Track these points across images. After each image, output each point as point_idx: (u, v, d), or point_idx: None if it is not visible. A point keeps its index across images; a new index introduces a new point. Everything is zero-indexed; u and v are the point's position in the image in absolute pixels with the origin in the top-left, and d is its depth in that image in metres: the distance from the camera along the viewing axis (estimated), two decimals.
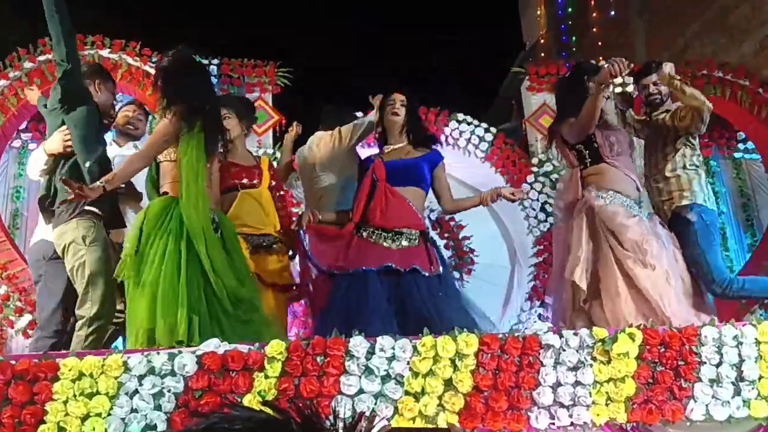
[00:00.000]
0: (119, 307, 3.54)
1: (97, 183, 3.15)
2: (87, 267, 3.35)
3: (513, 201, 3.88)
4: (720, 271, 3.81)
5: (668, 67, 4.09)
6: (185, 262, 3.09)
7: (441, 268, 3.62)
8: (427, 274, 3.50)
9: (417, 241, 3.58)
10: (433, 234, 6.29)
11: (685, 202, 3.93)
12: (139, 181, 3.71)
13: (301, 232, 3.83)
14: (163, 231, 3.15)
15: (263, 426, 1.10)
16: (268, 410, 1.13)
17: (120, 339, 3.88)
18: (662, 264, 3.56)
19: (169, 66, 3.42)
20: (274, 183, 3.98)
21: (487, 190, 3.86)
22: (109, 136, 4.20)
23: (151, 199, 3.38)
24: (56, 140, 3.56)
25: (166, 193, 3.31)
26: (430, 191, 3.81)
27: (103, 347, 3.40)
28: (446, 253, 6.32)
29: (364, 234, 3.56)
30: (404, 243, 3.54)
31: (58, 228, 3.43)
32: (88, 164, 3.42)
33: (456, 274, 6.09)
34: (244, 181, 3.80)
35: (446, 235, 6.35)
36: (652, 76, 4.12)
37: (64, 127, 3.56)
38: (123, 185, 3.63)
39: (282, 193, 4.06)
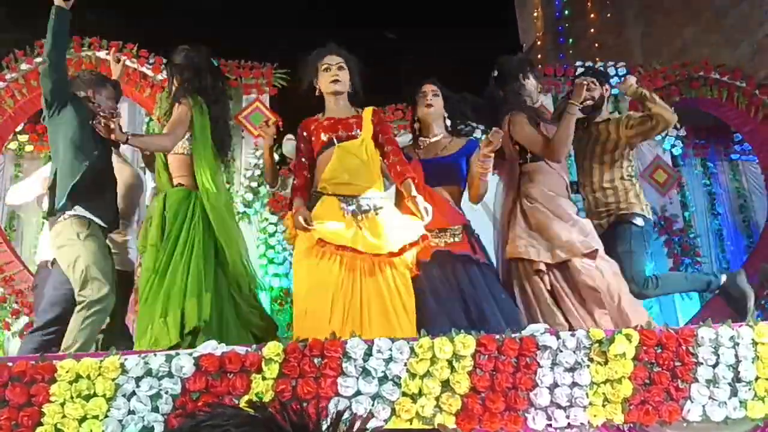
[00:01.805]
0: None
1: (126, 132, 3.36)
2: (82, 260, 3.33)
3: (492, 150, 3.59)
4: (639, 273, 3.80)
5: (632, 79, 4.08)
6: (209, 251, 3.39)
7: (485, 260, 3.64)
8: (480, 260, 3.52)
9: (461, 235, 3.57)
10: None
11: (625, 212, 3.89)
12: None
13: None
14: (187, 222, 3.42)
15: (249, 425, 1.11)
16: (254, 410, 1.14)
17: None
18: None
19: (181, 62, 3.66)
20: (382, 134, 3.52)
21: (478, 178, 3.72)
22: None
23: (162, 189, 3.59)
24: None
25: (181, 184, 3.52)
26: None
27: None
28: None
29: None
30: (448, 240, 3.53)
31: (54, 229, 3.43)
32: (81, 170, 3.40)
33: None
34: (340, 133, 3.43)
35: None
36: (585, 80, 4.02)
37: None
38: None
39: (392, 147, 3.51)
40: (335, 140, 3.39)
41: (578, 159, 4.18)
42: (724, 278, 3.89)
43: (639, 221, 3.87)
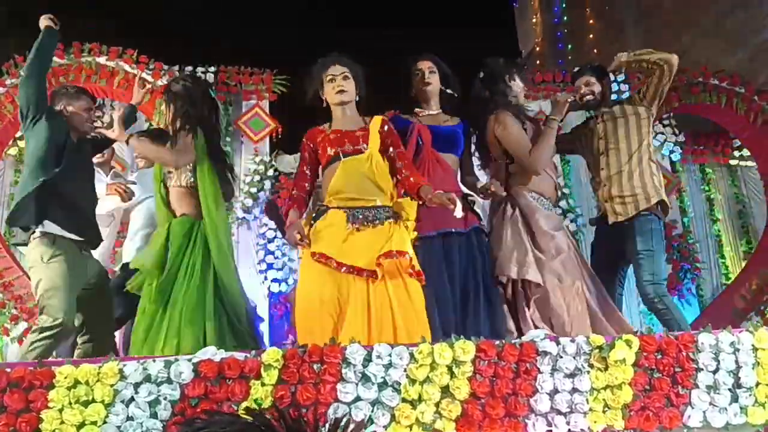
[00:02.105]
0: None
1: (128, 132, 3.56)
2: (42, 285, 3.34)
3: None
4: (660, 275, 3.82)
5: (622, 56, 4.06)
6: (210, 280, 3.42)
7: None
8: (471, 230, 3.53)
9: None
10: None
11: (649, 203, 3.89)
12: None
13: None
14: (190, 250, 3.45)
15: (245, 430, 1.11)
16: (251, 416, 1.14)
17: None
18: (575, 276, 3.57)
19: (180, 92, 3.66)
20: (393, 147, 3.41)
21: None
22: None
23: (164, 222, 3.61)
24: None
25: (184, 214, 3.56)
26: None
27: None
28: None
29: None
30: None
31: (26, 250, 3.47)
32: (40, 180, 3.40)
33: None
34: (347, 147, 3.33)
35: None
36: (582, 78, 4.08)
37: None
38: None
39: (403, 163, 3.40)
40: (341, 155, 3.30)
41: (592, 153, 4.15)
42: None
43: (661, 215, 3.87)
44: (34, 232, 3.39)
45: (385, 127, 3.40)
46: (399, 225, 3.24)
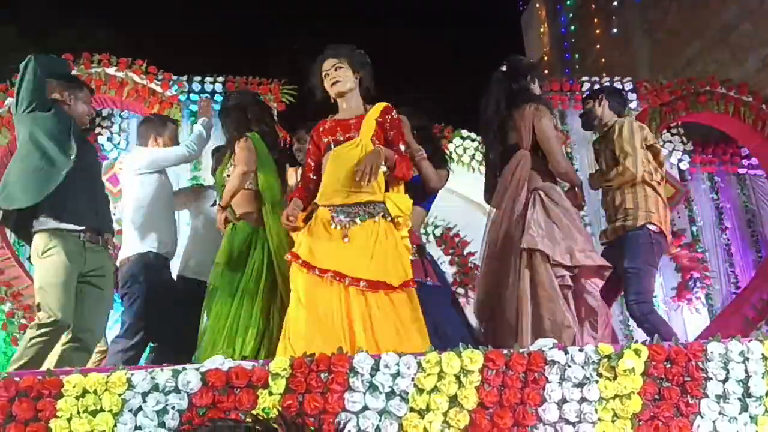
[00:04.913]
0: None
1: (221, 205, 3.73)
2: (37, 280, 3.36)
3: None
4: (648, 292, 3.84)
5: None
6: (264, 290, 3.56)
7: (438, 282, 3.60)
8: (430, 283, 3.49)
9: (413, 256, 3.45)
10: (437, 250, 6.32)
11: (641, 222, 3.87)
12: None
13: None
14: (249, 260, 3.60)
15: None
16: (254, 422, 1.15)
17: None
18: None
19: (233, 106, 3.92)
20: (393, 141, 3.24)
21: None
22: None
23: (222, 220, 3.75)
24: None
25: (244, 219, 3.71)
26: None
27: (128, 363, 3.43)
28: (452, 270, 6.34)
29: None
30: None
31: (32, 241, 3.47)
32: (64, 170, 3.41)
33: (461, 290, 6.09)
34: (338, 136, 3.24)
35: (451, 251, 6.37)
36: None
37: None
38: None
39: (397, 156, 3.23)
40: (332, 144, 3.25)
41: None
42: None
43: (653, 228, 3.84)
44: (32, 227, 3.38)
45: (388, 116, 3.27)
46: (389, 223, 3.15)
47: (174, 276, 4.21)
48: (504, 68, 3.87)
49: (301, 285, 3.08)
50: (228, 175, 3.76)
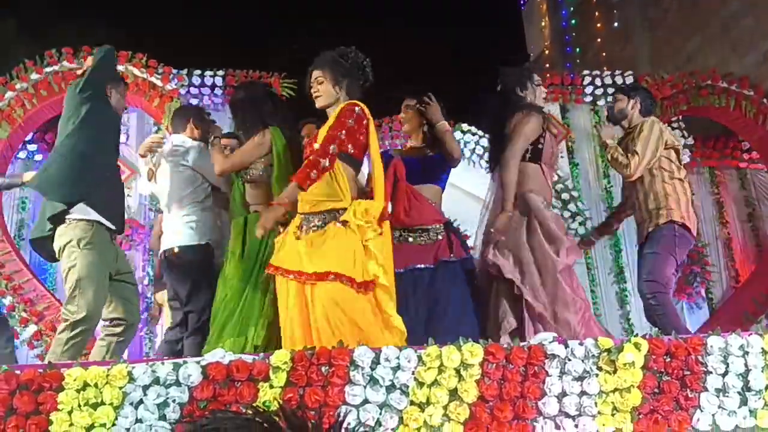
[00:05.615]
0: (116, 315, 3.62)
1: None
2: (76, 271, 3.33)
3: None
4: (659, 276, 3.84)
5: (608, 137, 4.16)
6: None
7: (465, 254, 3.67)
8: (454, 259, 3.56)
9: (441, 234, 3.62)
10: None
11: (663, 220, 3.91)
12: None
13: None
14: (261, 254, 3.53)
15: (247, 427, 1.12)
16: (254, 413, 1.15)
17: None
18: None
19: (242, 98, 3.86)
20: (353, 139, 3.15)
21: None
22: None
23: (235, 214, 3.78)
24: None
25: (257, 212, 3.64)
26: None
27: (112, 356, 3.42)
28: None
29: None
30: (431, 237, 3.59)
31: (59, 229, 3.42)
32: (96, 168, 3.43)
33: None
34: (315, 146, 3.21)
35: None
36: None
37: None
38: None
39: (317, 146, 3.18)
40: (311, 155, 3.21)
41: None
42: None
43: (677, 221, 3.89)
44: (69, 212, 3.36)
45: (342, 118, 3.16)
46: (345, 229, 3.07)
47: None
48: (498, 87, 3.94)
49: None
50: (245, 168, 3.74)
